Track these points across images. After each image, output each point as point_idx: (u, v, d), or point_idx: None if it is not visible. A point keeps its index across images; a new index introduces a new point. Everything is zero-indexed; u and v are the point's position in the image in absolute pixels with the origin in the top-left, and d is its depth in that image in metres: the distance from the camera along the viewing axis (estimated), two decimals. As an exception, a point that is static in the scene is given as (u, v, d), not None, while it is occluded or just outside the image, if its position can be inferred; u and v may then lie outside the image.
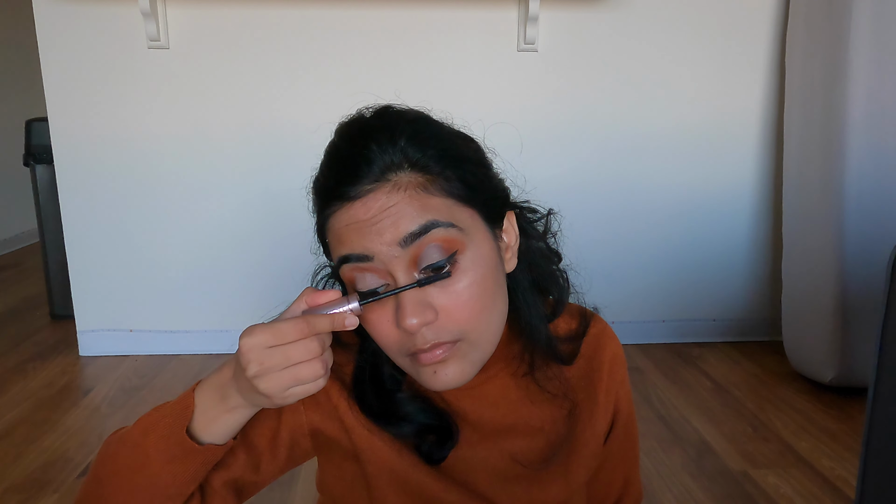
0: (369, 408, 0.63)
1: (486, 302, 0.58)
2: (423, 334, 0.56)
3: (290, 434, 0.64)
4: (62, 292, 2.48)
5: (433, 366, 0.57)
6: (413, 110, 0.61)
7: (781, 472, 1.54)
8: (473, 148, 0.62)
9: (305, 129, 2.13)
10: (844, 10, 1.80)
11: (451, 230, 0.55)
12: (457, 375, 0.58)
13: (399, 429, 0.63)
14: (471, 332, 0.57)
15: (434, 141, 0.57)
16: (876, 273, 1.79)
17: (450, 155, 0.57)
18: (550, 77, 2.19)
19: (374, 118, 0.60)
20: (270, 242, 2.18)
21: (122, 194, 2.18)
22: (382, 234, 0.54)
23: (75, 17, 2.05)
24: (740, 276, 2.36)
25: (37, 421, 1.81)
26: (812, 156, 1.95)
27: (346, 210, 0.55)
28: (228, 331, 2.27)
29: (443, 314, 0.56)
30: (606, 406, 0.71)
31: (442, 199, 0.56)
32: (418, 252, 0.55)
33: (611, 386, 0.71)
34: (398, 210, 0.54)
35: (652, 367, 2.16)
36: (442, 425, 0.64)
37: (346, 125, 0.60)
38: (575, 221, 2.39)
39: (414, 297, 0.55)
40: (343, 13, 2.10)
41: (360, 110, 0.61)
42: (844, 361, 1.85)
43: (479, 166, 0.61)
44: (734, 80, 2.23)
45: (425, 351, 0.56)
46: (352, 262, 0.56)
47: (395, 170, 0.55)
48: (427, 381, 0.58)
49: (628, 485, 0.76)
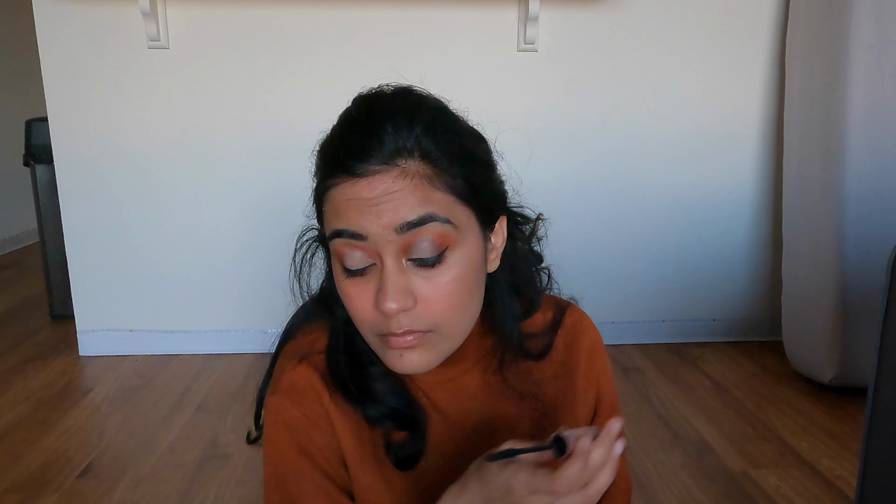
0: (343, 384, 0.64)
1: (465, 299, 0.59)
2: (399, 319, 0.56)
3: (339, 463, 0.64)
4: (62, 292, 2.48)
5: (401, 350, 0.58)
6: (434, 97, 0.61)
7: (781, 472, 1.54)
8: (483, 148, 0.62)
9: (305, 129, 2.12)
10: (844, 10, 1.80)
11: (447, 226, 0.56)
12: (422, 362, 0.59)
13: (368, 410, 0.63)
14: (444, 325, 0.58)
15: (449, 135, 0.57)
16: (876, 273, 1.79)
17: (461, 153, 0.57)
18: (550, 77, 2.19)
19: (395, 97, 0.59)
20: (271, 242, 2.18)
21: (122, 194, 2.18)
22: (381, 217, 0.54)
23: (75, 17, 2.05)
24: (740, 276, 2.36)
25: (37, 421, 1.81)
26: (812, 156, 1.95)
27: (349, 185, 0.55)
28: (228, 331, 2.28)
29: (421, 303, 0.57)
30: (586, 395, 0.71)
31: (444, 194, 0.56)
32: (411, 241, 0.55)
33: (590, 374, 0.71)
34: (401, 196, 0.54)
35: (652, 367, 2.16)
36: (409, 412, 0.64)
37: (365, 98, 0.59)
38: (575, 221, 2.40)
39: (397, 282, 0.55)
40: (343, 13, 2.10)
41: (382, 86, 0.60)
42: (844, 361, 1.85)
43: (485, 168, 0.61)
44: (734, 81, 2.23)
45: (397, 335, 0.57)
46: (345, 237, 0.56)
47: (405, 156, 0.55)
48: (391, 363, 0.59)
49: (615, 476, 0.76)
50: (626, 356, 2.24)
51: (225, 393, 1.98)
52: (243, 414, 1.82)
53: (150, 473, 1.55)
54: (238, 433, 1.73)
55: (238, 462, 1.60)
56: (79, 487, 1.50)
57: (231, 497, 1.46)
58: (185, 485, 1.51)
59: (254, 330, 2.26)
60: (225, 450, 1.65)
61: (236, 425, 1.77)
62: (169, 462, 1.60)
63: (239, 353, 2.26)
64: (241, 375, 2.09)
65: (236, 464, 1.59)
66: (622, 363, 2.19)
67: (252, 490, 1.48)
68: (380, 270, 0.57)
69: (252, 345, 2.25)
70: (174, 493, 1.48)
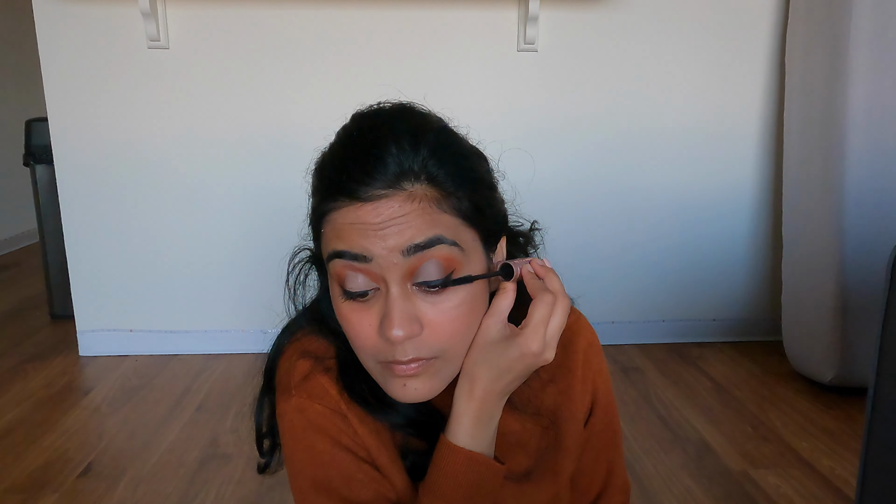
0: (360, 394, 0.62)
1: (470, 322, 0.57)
2: (405, 347, 0.54)
3: (367, 464, 0.63)
4: (62, 292, 2.48)
5: (404, 378, 0.56)
6: (436, 116, 0.59)
7: (781, 472, 1.54)
8: (486, 168, 0.61)
9: (305, 129, 2.13)
10: (844, 10, 1.80)
11: (454, 249, 0.54)
12: (425, 390, 0.57)
13: (389, 416, 0.62)
14: (449, 350, 0.57)
15: (455, 157, 0.56)
16: (876, 273, 1.79)
17: (466, 174, 0.56)
18: (550, 77, 2.19)
19: (397, 116, 0.57)
20: (271, 242, 2.18)
21: (122, 194, 2.18)
22: (386, 240, 0.52)
23: (75, 17, 2.05)
24: (740, 276, 2.36)
25: (37, 421, 1.81)
26: (812, 156, 1.95)
27: (353, 209, 0.53)
28: (228, 331, 2.28)
29: (428, 329, 0.55)
30: (583, 395, 0.71)
31: (451, 216, 0.55)
32: (418, 264, 0.53)
33: (587, 374, 0.71)
34: (407, 220, 0.53)
35: (652, 367, 2.16)
36: (427, 420, 0.63)
37: (365, 116, 0.58)
38: (575, 221, 2.40)
39: (403, 308, 0.54)
40: (343, 13, 2.10)
41: (381, 103, 0.59)
42: (844, 361, 1.85)
43: (489, 189, 0.60)
44: (734, 80, 2.23)
45: (402, 363, 0.55)
46: (346, 259, 0.54)
47: (411, 179, 0.53)
48: (394, 392, 0.57)
49: (612, 475, 0.76)
50: (626, 356, 2.24)
51: (225, 393, 1.98)
52: (243, 414, 1.82)
53: (150, 473, 1.55)
54: (238, 433, 1.73)
55: (238, 462, 1.60)
56: (79, 487, 1.50)
57: (231, 497, 1.46)
58: (185, 485, 1.51)
59: (254, 330, 2.26)
60: (225, 450, 1.65)
61: (236, 425, 1.77)
62: (169, 462, 1.60)
63: (239, 353, 2.26)
64: (240, 375, 2.09)
65: (236, 464, 1.59)
66: (622, 363, 2.19)
67: (252, 490, 1.48)
68: (384, 295, 0.55)
69: (252, 345, 2.25)
70: (174, 493, 1.48)
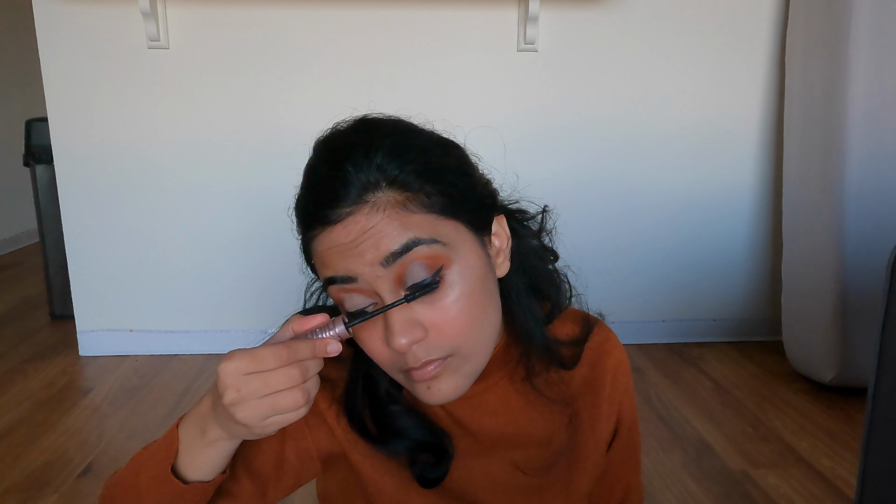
0: (360, 424, 0.62)
1: (477, 314, 0.56)
2: (414, 352, 0.55)
3: (297, 458, 0.63)
4: (62, 292, 2.49)
5: (426, 382, 0.56)
6: (390, 120, 0.59)
7: (781, 472, 1.54)
8: (455, 155, 0.60)
9: (305, 129, 2.12)
10: (844, 10, 1.80)
11: (435, 246, 0.54)
12: (451, 390, 0.57)
13: (391, 447, 0.62)
14: (462, 346, 0.56)
15: (413, 154, 0.55)
16: (876, 273, 1.79)
17: (429, 168, 0.55)
18: (550, 77, 2.19)
19: (350, 133, 0.58)
20: (270, 242, 2.18)
21: (122, 194, 2.18)
22: (364, 255, 0.53)
23: (75, 17, 2.05)
24: (740, 276, 2.36)
25: (37, 421, 1.81)
26: (812, 156, 1.95)
27: (327, 234, 0.54)
28: (228, 331, 2.28)
29: (432, 331, 0.55)
30: (609, 416, 0.70)
31: (423, 215, 0.54)
32: (402, 271, 0.53)
33: (614, 395, 0.70)
34: (378, 231, 0.52)
35: (652, 367, 2.16)
36: (437, 443, 0.63)
37: (322, 143, 0.58)
38: (574, 221, 2.39)
39: (402, 316, 0.54)
40: (343, 13, 2.10)
41: (337, 124, 0.59)
42: (844, 361, 1.85)
43: (460, 175, 0.58)
44: (734, 81, 2.23)
45: (417, 368, 0.55)
46: (337, 283, 0.55)
47: (372, 189, 0.53)
48: (422, 396, 0.57)
49: (629, 491, 0.76)
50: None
51: (225, 393, 1.97)
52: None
53: (150, 473, 1.55)
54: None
55: (238, 462, 1.59)
56: (79, 487, 1.50)
57: (231, 497, 1.46)
58: (185, 485, 1.51)
59: (254, 330, 2.26)
60: (225, 450, 1.65)
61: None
62: (169, 462, 1.60)
63: (239, 353, 2.25)
64: (241, 375, 2.09)
65: (236, 464, 1.59)
66: (622, 363, 2.19)
67: (252, 490, 1.48)
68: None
69: (252, 345, 2.23)
70: (174, 493, 1.48)
